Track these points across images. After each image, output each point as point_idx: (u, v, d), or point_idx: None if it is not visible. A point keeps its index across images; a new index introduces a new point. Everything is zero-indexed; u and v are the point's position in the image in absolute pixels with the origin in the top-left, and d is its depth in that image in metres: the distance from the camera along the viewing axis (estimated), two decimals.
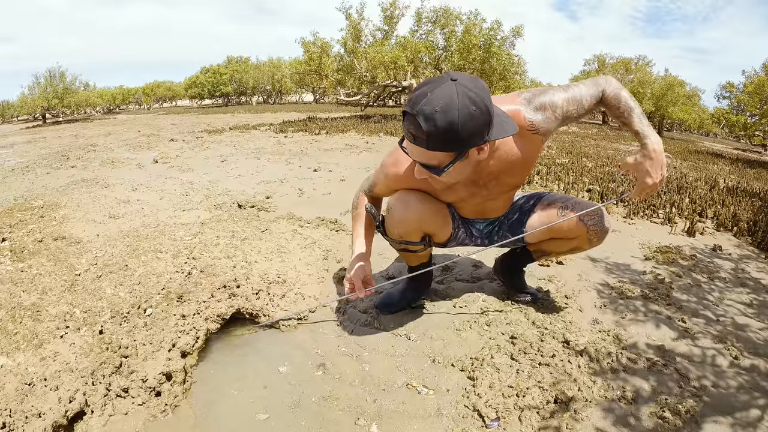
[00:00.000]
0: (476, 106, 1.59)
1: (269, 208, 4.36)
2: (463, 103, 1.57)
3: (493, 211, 2.30)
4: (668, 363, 2.05)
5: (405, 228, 2.18)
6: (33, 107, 21.99)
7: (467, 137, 1.63)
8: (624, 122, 2.01)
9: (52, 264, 2.83)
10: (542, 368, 1.98)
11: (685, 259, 3.36)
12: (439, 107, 1.57)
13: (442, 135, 1.60)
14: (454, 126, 1.58)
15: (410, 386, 1.94)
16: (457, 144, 1.64)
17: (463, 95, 1.58)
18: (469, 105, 1.58)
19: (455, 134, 1.60)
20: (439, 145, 1.64)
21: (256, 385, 1.97)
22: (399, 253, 2.44)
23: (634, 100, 2.00)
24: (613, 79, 2.04)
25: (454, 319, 2.42)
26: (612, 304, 2.61)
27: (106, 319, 2.25)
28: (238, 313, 2.49)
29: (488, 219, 2.36)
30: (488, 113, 1.63)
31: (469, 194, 2.12)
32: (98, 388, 1.81)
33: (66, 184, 5.47)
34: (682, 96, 22.30)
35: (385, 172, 2.17)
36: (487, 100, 1.63)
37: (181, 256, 2.95)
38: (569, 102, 1.98)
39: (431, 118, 1.58)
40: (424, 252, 2.37)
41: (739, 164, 11.17)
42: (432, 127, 1.58)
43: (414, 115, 1.60)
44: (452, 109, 1.57)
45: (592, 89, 2.02)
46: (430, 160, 1.72)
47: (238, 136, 10.72)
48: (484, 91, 1.63)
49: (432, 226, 2.23)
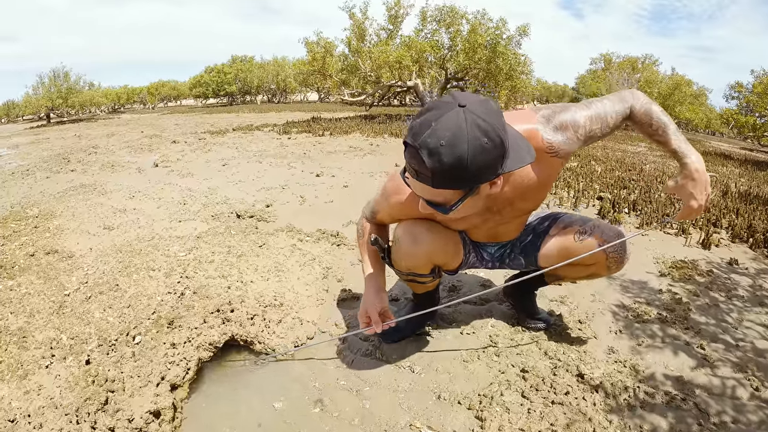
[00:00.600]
0: (488, 138, 1.38)
1: (269, 218, 4.25)
2: (473, 135, 1.36)
3: (505, 235, 2.15)
4: (687, 397, 1.93)
5: (414, 262, 2.04)
6: (37, 107, 22.01)
7: (477, 173, 1.42)
8: (659, 141, 1.86)
9: (42, 282, 2.75)
10: (555, 407, 1.85)
11: (702, 275, 3.25)
12: (446, 140, 1.36)
13: (449, 172, 1.40)
14: (463, 162, 1.37)
15: (414, 427, 1.81)
16: (466, 181, 1.45)
17: (472, 125, 1.37)
18: (480, 137, 1.37)
19: (464, 171, 1.40)
20: (446, 182, 1.44)
21: (250, 423, 1.86)
22: (405, 282, 2.30)
23: (666, 115, 1.86)
24: (640, 93, 1.89)
25: (460, 348, 2.29)
26: (628, 329, 2.48)
27: (93, 347, 2.14)
28: (232, 341, 2.38)
29: (500, 242, 2.21)
30: (502, 145, 1.42)
31: (482, 221, 1.97)
32: (83, 426, 1.70)
33: (64, 189, 5.41)
34: (689, 95, 22.23)
35: (388, 201, 2.01)
36: (500, 129, 1.41)
37: (174, 275, 2.84)
38: (593, 120, 1.81)
39: (436, 153, 1.37)
40: (432, 282, 2.25)
41: (749, 166, 11.05)
42: (437, 163, 1.38)
43: (416, 149, 1.40)
44: (460, 143, 1.36)
45: (617, 105, 1.86)
46: (435, 198, 1.53)
47: (241, 137, 10.62)
48: (497, 118, 1.42)
49: (443, 258, 2.09)
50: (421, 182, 1.48)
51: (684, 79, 22.79)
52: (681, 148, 1.81)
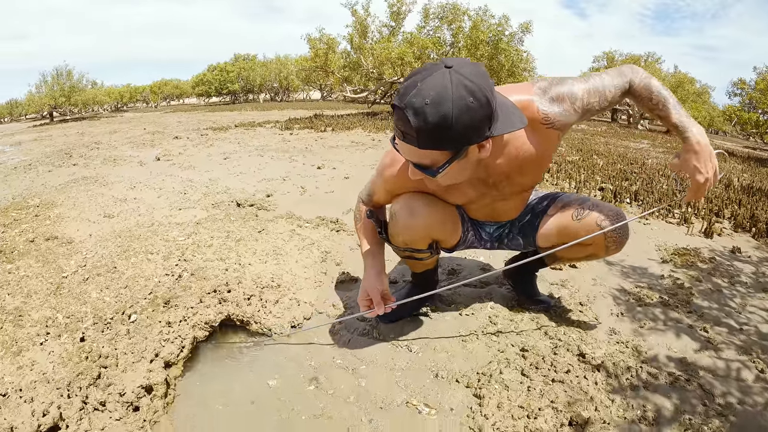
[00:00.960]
0: (474, 97, 1.37)
1: (269, 207, 4.22)
2: (458, 94, 1.36)
3: (505, 214, 2.11)
4: (691, 378, 1.89)
5: (411, 236, 2.01)
6: (40, 105, 22.00)
7: (463, 133, 1.41)
8: (659, 115, 1.84)
9: (41, 265, 2.76)
10: (556, 385, 1.81)
11: (704, 262, 3.22)
12: (430, 99, 1.36)
13: (434, 131, 1.39)
14: (447, 121, 1.37)
15: (410, 404, 1.77)
16: (452, 141, 1.44)
17: (458, 85, 1.36)
18: (466, 96, 1.36)
19: (448, 130, 1.39)
20: (431, 142, 1.43)
21: (243, 400, 1.83)
22: (403, 259, 2.27)
23: (666, 89, 1.82)
24: (639, 68, 1.85)
25: (459, 328, 2.26)
26: (630, 312, 2.45)
27: (88, 325, 2.14)
28: (228, 320, 2.36)
29: (499, 222, 2.18)
30: (488, 105, 1.40)
31: (478, 195, 1.93)
32: (74, 401, 1.69)
33: (65, 182, 5.41)
34: (692, 93, 22.18)
35: (383, 176, 1.98)
36: (487, 89, 1.40)
37: (172, 258, 2.83)
38: (590, 93, 1.78)
39: (421, 112, 1.37)
40: (430, 259, 2.22)
41: (751, 162, 11.02)
42: (422, 122, 1.38)
43: (402, 109, 1.40)
44: (445, 101, 1.35)
45: (616, 79, 1.83)
46: (422, 160, 1.51)
47: (243, 133, 10.61)
48: (484, 79, 1.41)
49: (441, 233, 2.06)
50: (407, 144, 1.47)
51: (687, 77, 22.76)
52: (682, 121, 1.79)
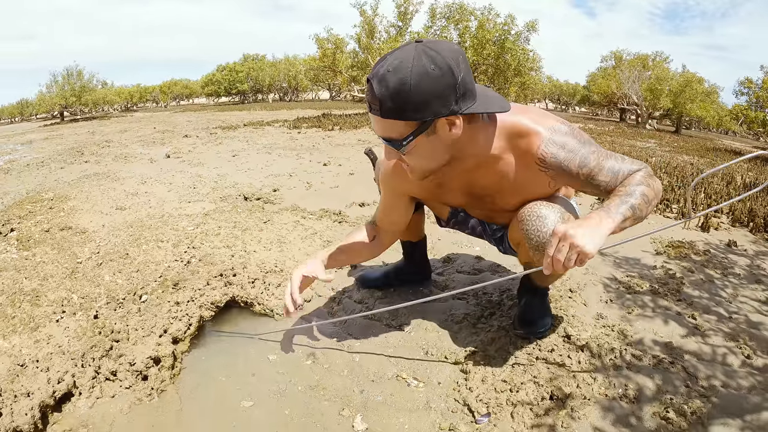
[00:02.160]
0: (435, 65, 1.36)
1: (275, 200, 4.35)
2: (419, 62, 1.36)
3: (500, 219, 2.03)
4: (675, 361, 1.96)
5: None
6: (51, 105, 22.16)
7: (425, 101, 1.39)
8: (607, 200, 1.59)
9: (56, 252, 2.89)
10: (539, 363, 1.91)
11: (698, 254, 3.27)
12: (392, 67, 1.37)
13: (394, 97, 1.38)
14: (406, 85, 1.36)
15: (400, 378, 1.89)
16: (411, 109, 1.40)
17: (420, 54, 1.37)
18: (427, 63, 1.36)
19: (407, 95, 1.37)
20: (393, 111, 1.41)
21: (245, 372, 1.94)
22: None
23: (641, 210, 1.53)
24: (655, 181, 1.62)
25: (452, 311, 2.36)
26: (619, 299, 2.52)
27: (101, 304, 2.27)
28: (233, 302, 2.47)
29: (499, 224, 2.08)
30: (451, 74, 1.38)
31: (470, 202, 1.95)
32: (87, 370, 1.82)
33: (78, 177, 5.54)
34: (700, 93, 22.06)
35: (383, 171, 1.96)
36: (451, 60, 1.39)
37: (182, 246, 2.96)
38: (603, 173, 1.61)
39: (383, 79, 1.38)
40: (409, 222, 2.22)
41: (758, 161, 11.02)
42: (383, 89, 1.38)
43: (369, 80, 1.42)
44: (404, 68, 1.36)
45: (633, 166, 1.63)
46: (388, 132, 1.48)
47: (252, 132, 10.74)
48: (452, 53, 1.41)
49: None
50: (374, 115, 1.47)
51: (695, 77, 22.65)
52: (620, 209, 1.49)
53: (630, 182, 1.56)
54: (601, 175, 1.59)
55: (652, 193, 1.55)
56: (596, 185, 1.61)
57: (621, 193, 1.53)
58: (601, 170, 1.59)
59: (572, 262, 1.40)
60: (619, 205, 1.48)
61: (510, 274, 2.75)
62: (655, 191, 1.57)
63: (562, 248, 1.41)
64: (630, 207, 1.48)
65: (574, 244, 1.38)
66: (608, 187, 1.60)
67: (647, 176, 1.59)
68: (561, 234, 1.41)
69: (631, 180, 1.57)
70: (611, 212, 1.46)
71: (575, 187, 1.71)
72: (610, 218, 1.44)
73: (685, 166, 7.46)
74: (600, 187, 1.61)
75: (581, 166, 1.59)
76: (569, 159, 1.59)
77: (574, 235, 1.38)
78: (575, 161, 1.59)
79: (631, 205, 1.48)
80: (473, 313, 2.33)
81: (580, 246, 1.37)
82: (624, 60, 28.16)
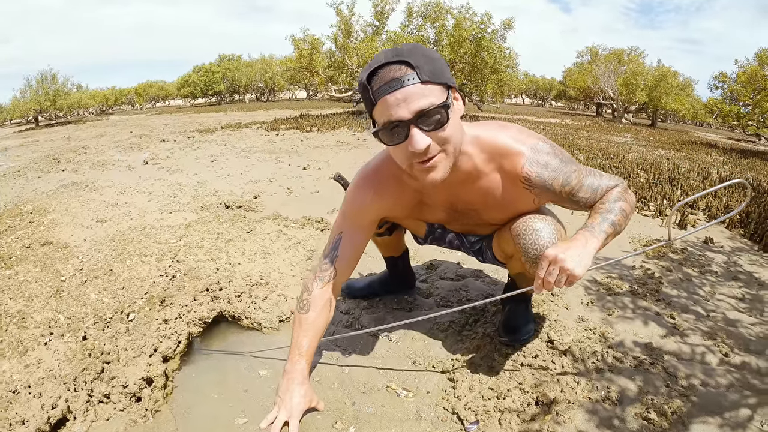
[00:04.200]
0: None
1: (256, 208, 4.35)
2: (423, 46, 1.48)
3: (481, 230, 2.07)
4: (656, 361, 2.02)
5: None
6: (25, 110, 21.90)
7: (443, 67, 1.48)
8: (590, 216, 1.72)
9: (39, 270, 2.85)
10: (524, 369, 1.96)
11: (676, 252, 3.34)
12: (410, 47, 1.45)
13: (428, 63, 1.43)
14: (432, 54, 1.46)
15: (390, 389, 1.92)
16: (443, 72, 1.47)
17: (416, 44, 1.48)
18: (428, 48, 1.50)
19: (436, 61, 1.45)
20: (432, 72, 1.43)
21: (237, 389, 1.95)
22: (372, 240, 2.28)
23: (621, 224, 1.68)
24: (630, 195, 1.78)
25: (437, 319, 2.39)
26: (599, 301, 2.58)
27: (89, 324, 2.26)
28: (220, 316, 2.48)
29: (477, 234, 2.12)
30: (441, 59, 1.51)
31: (450, 218, 1.97)
32: (80, 394, 1.82)
33: (56, 188, 5.47)
34: (675, 87, 22.35)
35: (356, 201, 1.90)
36: None
37: (166, 260, 2.95)
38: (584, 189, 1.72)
39: (412, 51, 1.43)
40: (389, 240, 2.33)
41: (733, 154, 11.20)
42: (418, 54, 1.42)
43: (391, 62, 1.42)
44: (420, 46, 1.47)
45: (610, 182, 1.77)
46: (429, 99, 1.42)
47: (230, 135, 10.69)
48: None
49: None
50: (408, 87, 1.42)
51: (670, 71, 22.93)
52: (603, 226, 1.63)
53: (608, 198, 1.71)
54: (581, 192, 1.72)
55: (629, 207, 1.72)
56: (577, 201, 1.74)
57: (601, 210, 1.68)
58: (582, 187, 1.71)
59: (562, 283, 1.52)
60: (601, 222, 1.63)
61: (491, 280, 2.80)
62: (631, 205, 1.74)
63: (553, 271, 1.52)
64: (611, 224, 1.63)
65: (564, 268, 1.50)
66: (588, 202, 1.74)
67: (623, 191, 1.75)
68: (551, 258, 1.52)
69: (608, 196, 1.72)
70: (595, 231, 1.60)
71: (556, 203, 1.78)
72: (594, 238, 1.58)
73: (662, 161, 7.57)
74: (580, 203, 1.75)
75: (564, 185, 1.68)
76: (553, 178, 1.67)
77: (564, 259, 1.50)
78: (559, 180, 1.68)
79: (612, 221, 1.63)
80: (458, 321, 2.36)
81: (570, 269, 1.49)
82: (600, 55, 28.42)
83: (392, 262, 2.55)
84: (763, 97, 14.87)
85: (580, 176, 1.70)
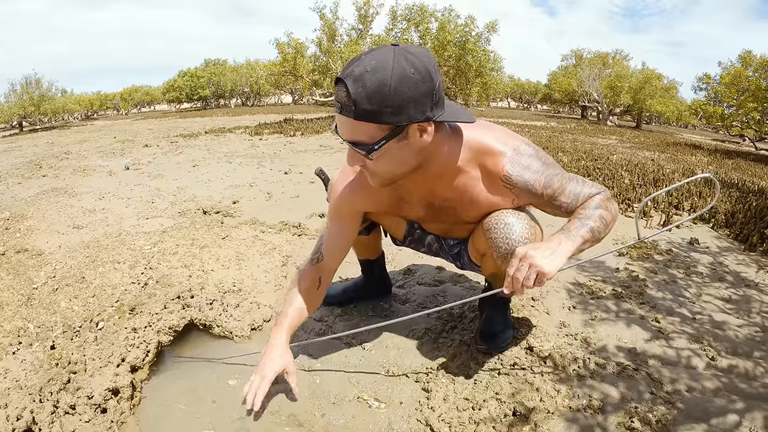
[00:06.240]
0: (414, 69, 1.33)
1: (234, 214, 4.29)
2: (399, 64, 1.32)
3: (458, 233, 2.04)
4: (639, 367, 1.97)
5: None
6: (9, 115, 21.68)
7: (402, 105, 1.34)
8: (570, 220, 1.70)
9: (11, 278, 2.78)
10: (501, 378, 1.90)
11: (661, 254, 3.31)
12: (371, 67, 1.31)
13: (372, 98, 1.32)
14: (386, 88, 1.31)
15: (361, 399, 1.86)
16: (389, 112, 1.35)
17: (400, 57, 1.33)
18: (407, 66, 1.32)
19: (386, 98, 1.32)
20: (368, 113, 1.34)
21: (205, 399, 1.89)
22: None
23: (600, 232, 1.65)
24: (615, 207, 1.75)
25: (412, 326, 2.34)
26: (582, 305, 2.53)
27: (58, 333, 2.19)
28: (191, 325, 2.43)
29: (455, 238, 2.09)
30: (430, 79, 1.36)
31: (429, 215, 1.91)
32: (45, 405, 1.75)
33: (35, 194, 5.37)
34: (659, 89, 22.54)
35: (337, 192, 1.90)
36: (430, 65, 1.37)
37: (139, 267, 2.88)
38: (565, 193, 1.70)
39: (360, 79, 1.32)
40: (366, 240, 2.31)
41: (718, 155, 11.25)
42: (360, 88, 1.31)
43: (342, 80, 1.35)
44: (385, 69, 1.31)
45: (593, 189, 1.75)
46: (358, 136, 1.41)
47: (213, 139, 10.61)
48: (428, 58, 1.38)
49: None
50: (344, 116, 1.39)
51: (654, 73, 23.13)
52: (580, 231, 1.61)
53: (589, 205, 1.68)
54: (563, 197, 1.69)
55: (610, 216, 1.69)
56: (558, 206, 1.72)
57: (581, 215, 1.66)
58: (563, 192, 1.69)
59: (531, 281, 1.49)
60: (579, 227, 1.61)
61: (470, 285, 2.75)
62: (612, 214, 1.70)
63: (522, 267, 1.50)
64: (590, 230, 1.61)
65: (534, 264, 1.48)
66: (569, 208, 1.71)
67: (605, 199, 1.72)
68: (521, 255, 1.51)
69: (590, 203, 1.69)
70: (571, 235, 1.58)
71: (537, 206, 1.76)
72: (570, 241, 1.57)
73: (647, 163, 7.57)
74: (561, 207, 1.72)
75: (546, 187, 1.67)
76: (535, 179, 1.66)
77: (534, 255, 1.48)
78: (540, 182, 1.66)
79: (591, 228, 1.61)
80: (434, 328, 2.31)
81: (540, 266, 1.47)
82: (584, 58, 28.62)
83: (368, 266, 2.50)
84: (746, 98, 14.98)
85: (562, 181, 1.69)
